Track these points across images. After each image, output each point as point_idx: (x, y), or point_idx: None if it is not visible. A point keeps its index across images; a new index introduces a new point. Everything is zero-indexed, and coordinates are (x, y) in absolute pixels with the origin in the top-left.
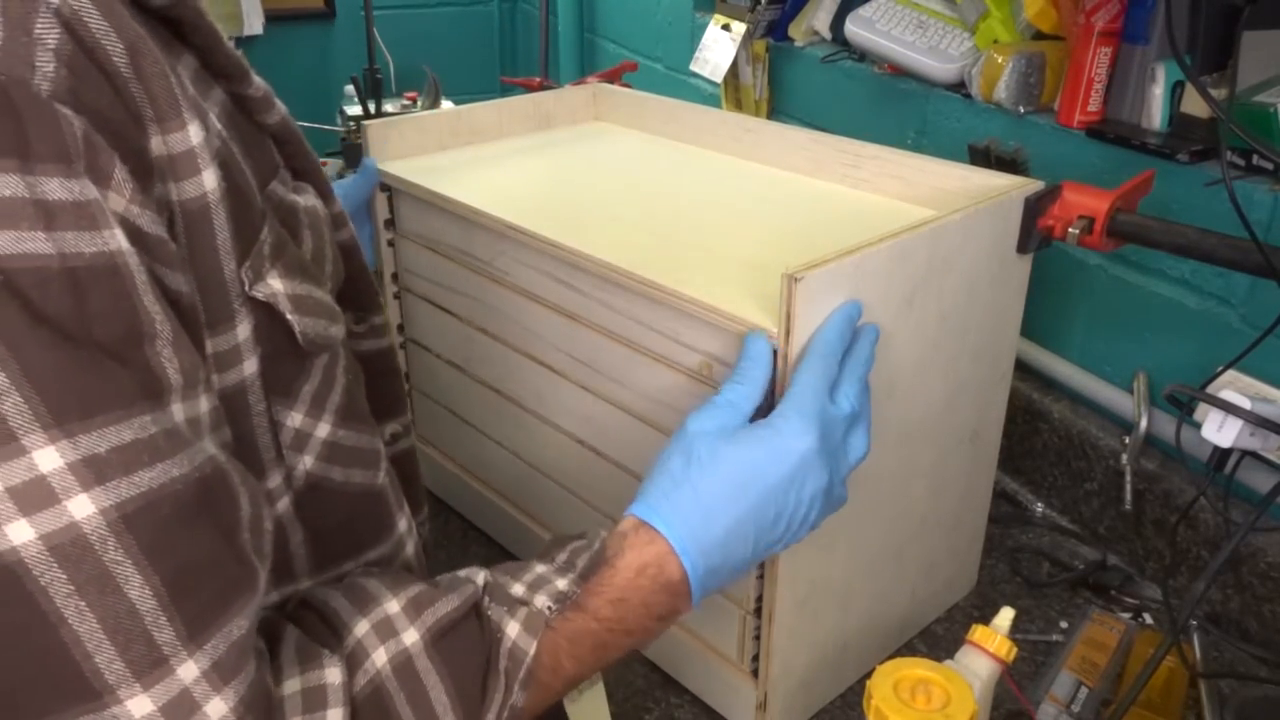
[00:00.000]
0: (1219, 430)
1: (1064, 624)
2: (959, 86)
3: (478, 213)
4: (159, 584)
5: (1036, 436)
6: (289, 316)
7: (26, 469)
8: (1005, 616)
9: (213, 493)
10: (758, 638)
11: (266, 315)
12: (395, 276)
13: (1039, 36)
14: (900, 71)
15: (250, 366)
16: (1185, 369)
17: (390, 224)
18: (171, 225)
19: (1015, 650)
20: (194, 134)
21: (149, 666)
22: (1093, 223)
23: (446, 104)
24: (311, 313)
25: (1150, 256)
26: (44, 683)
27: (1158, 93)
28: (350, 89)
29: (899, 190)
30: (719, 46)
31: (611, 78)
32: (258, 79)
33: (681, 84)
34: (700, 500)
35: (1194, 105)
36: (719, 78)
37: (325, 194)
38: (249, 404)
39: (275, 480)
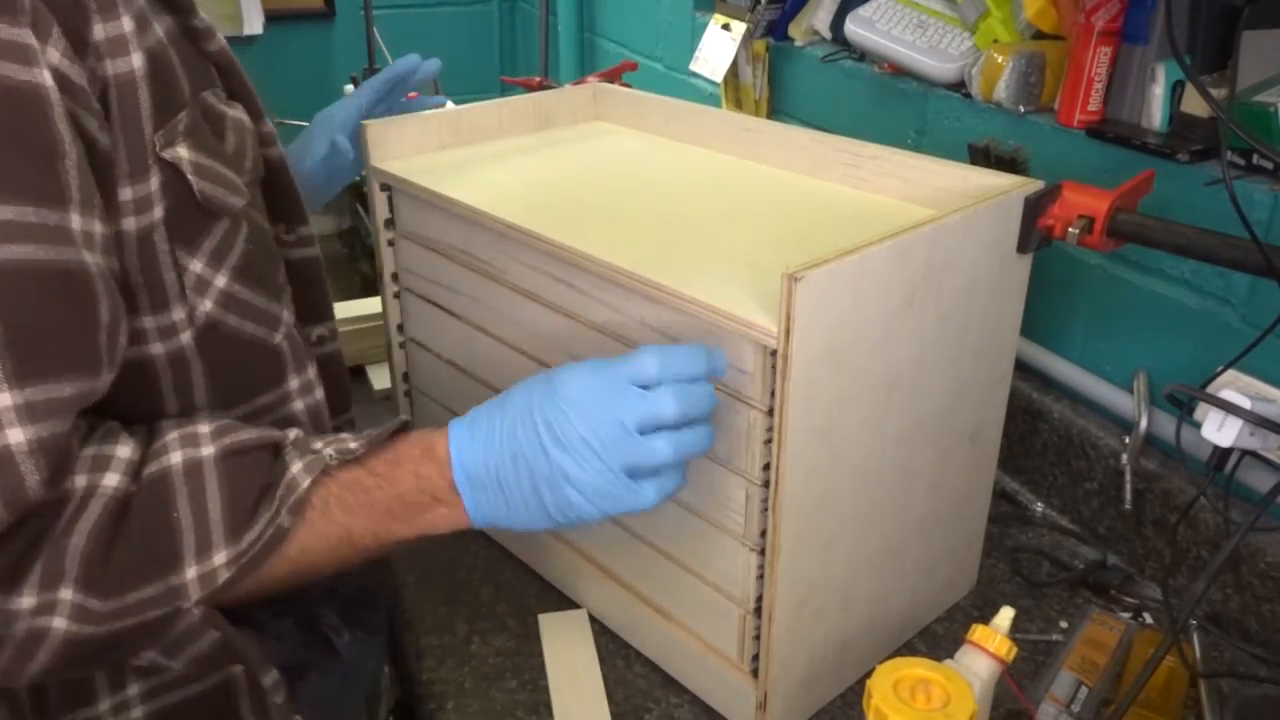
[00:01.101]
0: (1219, 430)
1: (1064, 624)
2: (959, 86)
3: (478, 213)
4: (1, 329)
5: (1036, 436)
6: (189, 176)
7: None
8: (1005, 616)
9: (74, 286)
10: (758, 638)
11: (173, 174)
12: (395, 276)
13: (1039, 36)
14: (900, 71)
15: (158, 213)
16: (1185, 369)
17: (390, 224)
18: (105, 94)
19: (1015, 650)
20: (126, 25)
21: None
22: (1093, 222)
23: (447, 104)
24: (211, 179)
25: (1150, 256)
26: None
27: (1158, 92)
28: (350, 89)
29: (899, 190)
30: (719, 46)
31: (611, 78)
32: (202, 14)
33: (681, 84)
34: (491, 406)
35: (1194, 105)
36: (719, 78)
37: (255, 114)
38: (155, 244)
39: (180, 314)
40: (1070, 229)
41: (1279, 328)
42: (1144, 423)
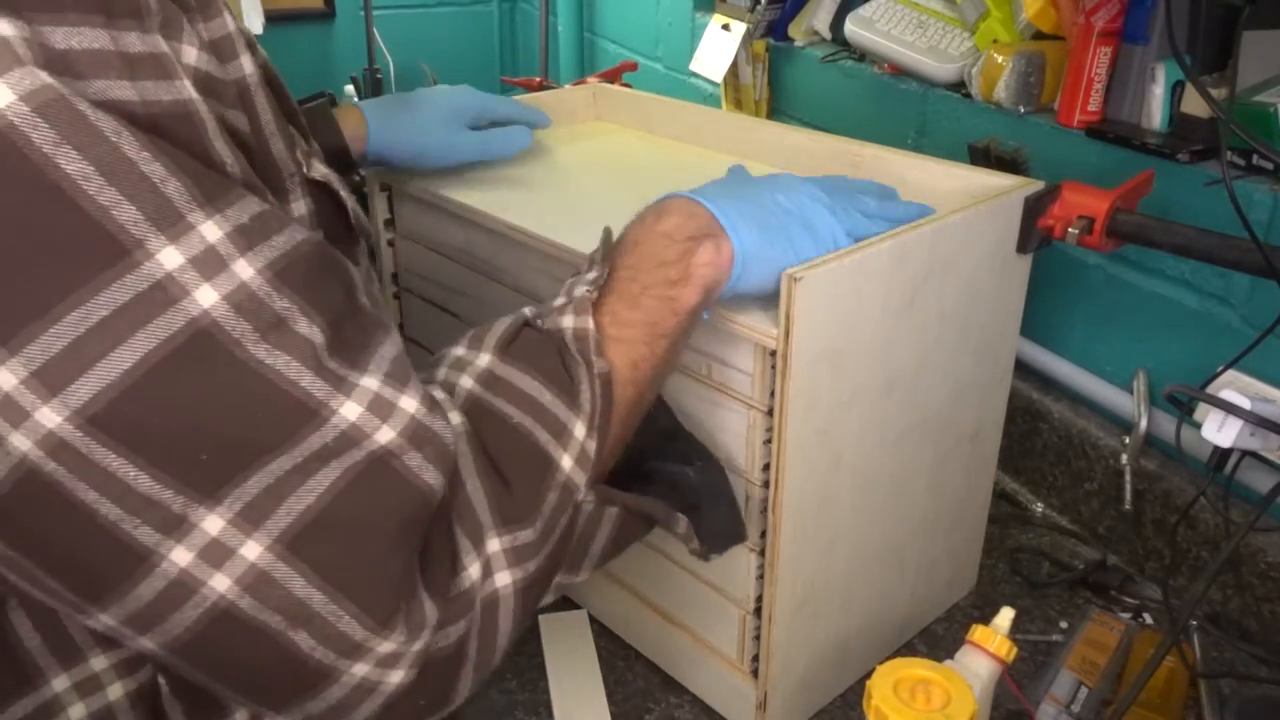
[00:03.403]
0: (1219, 430)
1: (1064, 624)
2: (959, 86)
3: (478, 213)
4: (322, 321)
5: (1036, 436)
6: (342, 194)
7: (199, 241)
8: (1005, 616)
9: (331, 256)
10: (758, 638)
11: (321, 195)
12: (395, 276)
13: (1039, 36)
14: (900, 71)
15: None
16: (1185, 369)
17: (390, 224)
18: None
19: (1015, 650)
20: (229, 22)
21: (342, 382)
22: (1093, 223)
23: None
24: (352, 197)
25: (1150, 256)
26: (268, 418)
27: (1158, 93)
28: (350, 89)
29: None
30: (719, 46)
31: (611, 78)
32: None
33: (681, 84)
34: (704, 185)
35: (1194, 105)
36: (719, 78)
37: (305, 135)
38: None
39: None
40: (1070, 229)
41: (1279, 328)
42: (1144, 423)
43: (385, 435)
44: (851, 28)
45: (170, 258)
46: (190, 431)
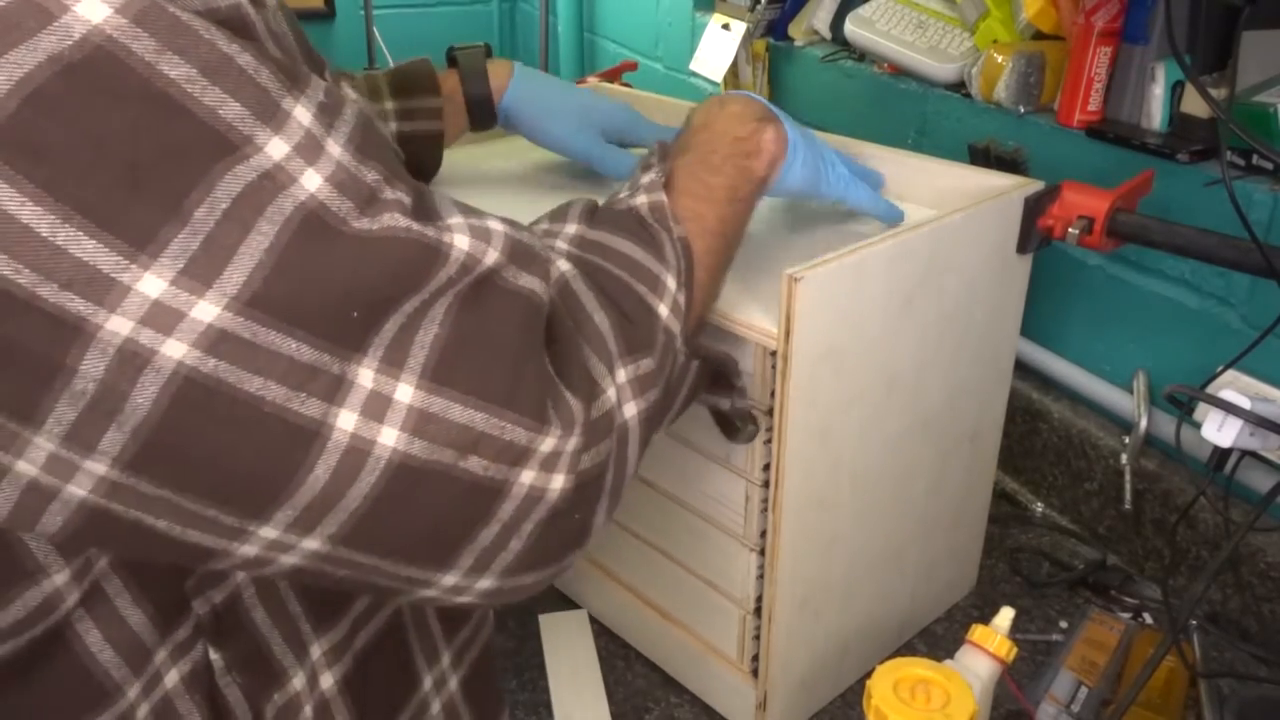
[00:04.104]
0: (1219, 430)
1: (1064, 624)
2: (959, 86)
3: None
4: (404, 188)
5: (1036, 436)
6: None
7: (297, 128)
8: (1005, 616)
9: (372, 120)
10: (758, 638)
11: None
12: None
13: (1039, 36)
14: (900, 71)
15: None
16: (1185, 369)
17: None
18: None
19: (1015, 650)
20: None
21: (439, 229)
22: (1093, 223)
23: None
24: None
25: (1150, 256)
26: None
27: (1158, 92)
28: None
29: (899, 190)
30: (719, 46)
31: (611, 77)
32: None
33: (681, 84)
34: None
35: (1194, 105)
36: (719, 78)
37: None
38: None
39: None
40: (1070, 229)
41: (1279, 328)
42: (1144, 423)
43: (491, 257)
44: (851, 28)
45: (277, 148)
46: (341, 296)
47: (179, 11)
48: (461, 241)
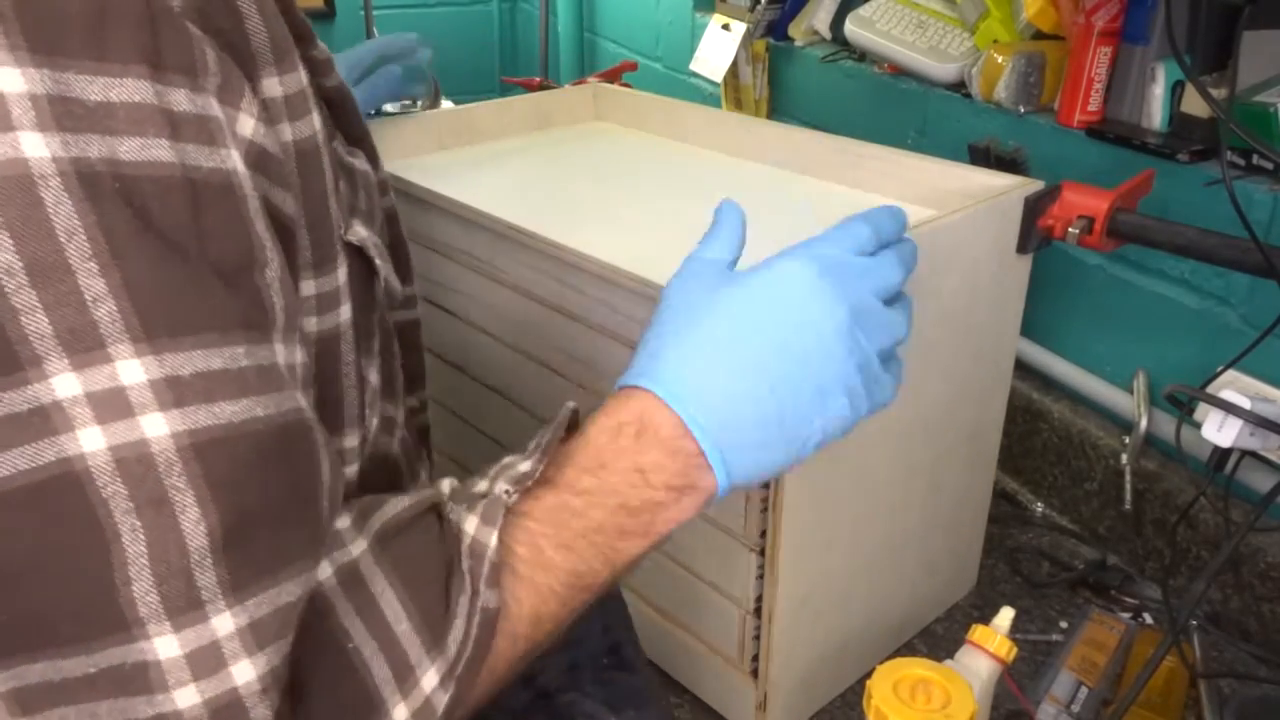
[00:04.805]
0: (1219, 430)
1: (1064, 624)
2: (959, 86)
3: (478, 213)
4: (215, 523)
5: (1036, 436)
6: (377, 262)
7: (109, 378)
8: (1005, 616)
9: (295, 446)
10: (758, 638)
11: (355, 261)
12: None
13: (1039, 36)
14: (900, 71)
15: (346, 312)
16: (1185, 369)
17: None
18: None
19: (1015, 650)
20: (303, 77)
21: (184, 608)
22: (1093, 223)
23: (446, 104)
24: (382, 259)
25: (1150, 256)
26: (80, 607)
27: (1158, 92)
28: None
29: (899, 190)
30: (719, 46)
31: (611, 78)
32: (321, 42)
33: (681, 84)
34: (686, 349)
35: (1194, 105)
36: (719, 78)
37: (374, 160)
38: (340, 353)
39: (353, 440)
40: (1070, 229)
41: (1279, 328)
42: (1144, 423)
43: (184, 699)
44: (851, 28)
45: (65, 385)
46: (3, 579)
47: (58, 195)
48: (167, 647)
